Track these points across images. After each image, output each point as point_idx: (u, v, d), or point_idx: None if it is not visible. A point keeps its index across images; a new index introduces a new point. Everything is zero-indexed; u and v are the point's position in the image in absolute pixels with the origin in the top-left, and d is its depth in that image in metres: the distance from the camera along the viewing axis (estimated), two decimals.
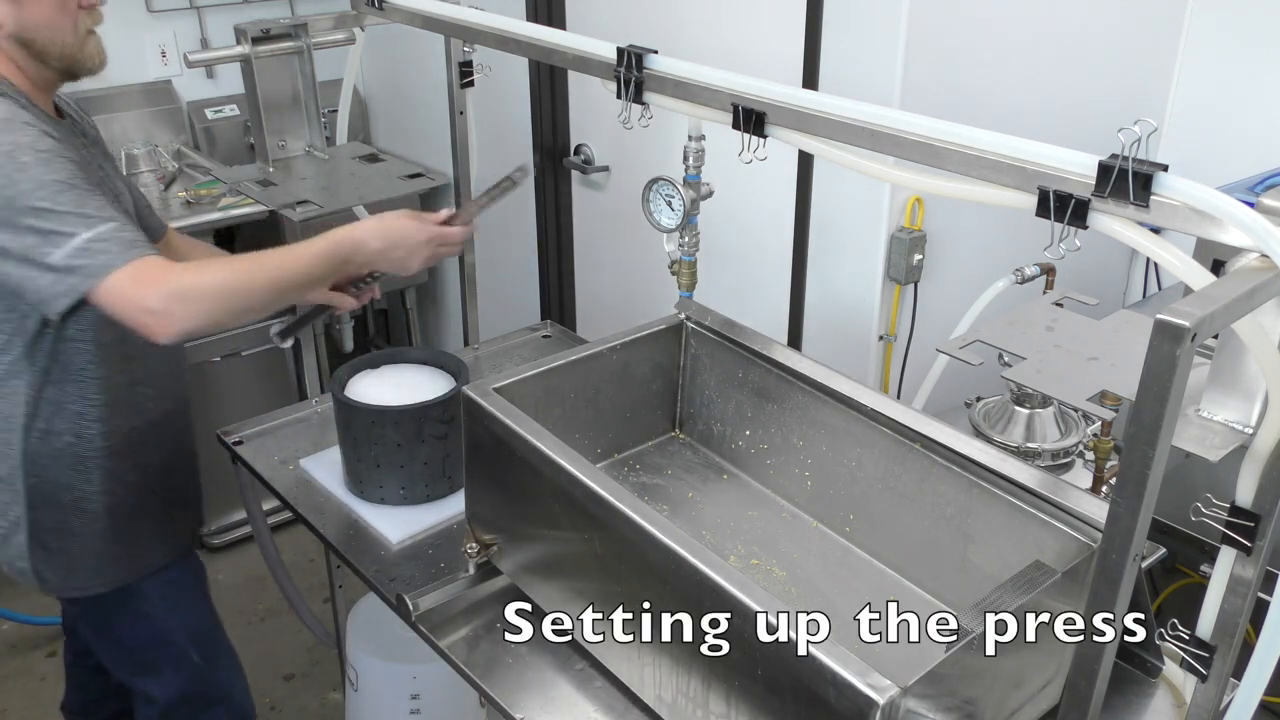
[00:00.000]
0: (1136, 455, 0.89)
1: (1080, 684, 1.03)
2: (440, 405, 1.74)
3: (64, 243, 1.42)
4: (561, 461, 1.32)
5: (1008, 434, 1.85)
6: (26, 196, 1.41)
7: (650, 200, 1.74)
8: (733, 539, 1.59)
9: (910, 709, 1.03)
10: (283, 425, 2.03)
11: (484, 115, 2.21)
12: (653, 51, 1.43)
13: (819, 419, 1.57)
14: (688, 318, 1.72)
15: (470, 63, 2.07)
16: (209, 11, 3.38)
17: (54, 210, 1.42)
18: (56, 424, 1.64)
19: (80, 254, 1.42)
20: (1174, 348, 0.84)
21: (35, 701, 2.80)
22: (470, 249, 2.28)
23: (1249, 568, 1.08)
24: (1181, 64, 2.61)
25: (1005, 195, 1.09)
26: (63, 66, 1.59)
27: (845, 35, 2.11)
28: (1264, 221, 0.92)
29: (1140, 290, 2.81)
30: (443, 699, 2.07)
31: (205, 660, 1.89)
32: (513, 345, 2.36)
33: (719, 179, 1.74)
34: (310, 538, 1.85)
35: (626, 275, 2.85)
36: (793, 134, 1.30)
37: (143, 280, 1.44)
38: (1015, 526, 1.34)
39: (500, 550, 1.52)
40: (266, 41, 2.18)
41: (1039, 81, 2.32)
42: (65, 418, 1.64)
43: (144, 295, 1.43)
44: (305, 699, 2.82)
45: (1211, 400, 1.13)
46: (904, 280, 2.21)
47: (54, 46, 1.56)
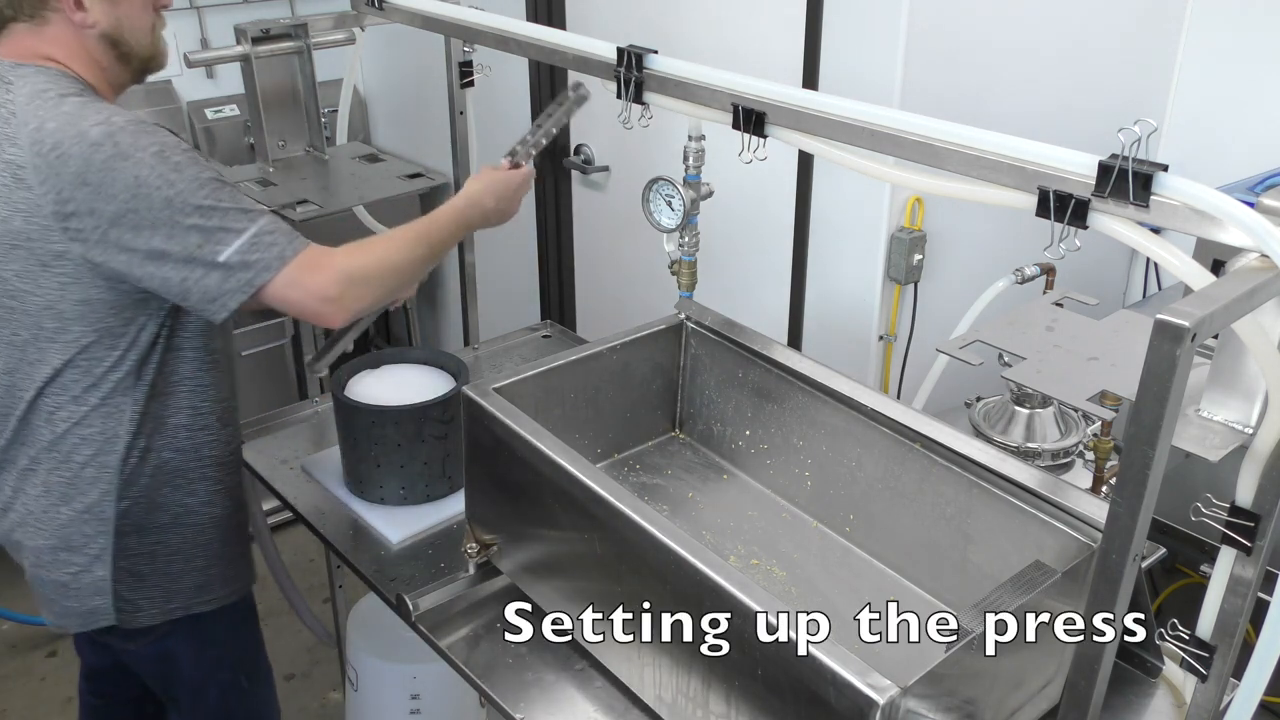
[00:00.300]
0: (1136, 455, 0.89)
1: (1080, 684, 1.03)
2: (440, 405, 1.74)
3: (232, 239, 1.38)
4: (561, 461, 1.32)
5: (1008, 434, 1.85)
6: (188, 195, 1.37)
7: (650, 200, 1.74)
8: (733, 539, 1.59)
9: (910, 709, 1.03)
10: (283, 425, 2.03)
11: (484, 115, 2.21)
12: (653, 51, 1.43)
13: (819, 419, 1.57)
14: (688, 318, 1.72)
15: (470, 63, 2.07)
16: (209, 11, 3.38)
17: (217, 207, 1.39)
18: (156, 440, 1.55)
19: (252, 248, 1.39)
20: (1174, 348, 0.84)
21: (35, 701, 2.80)
22: (470, 249, 2.29)
23: (1249, 568, 1.08)
24: (1181, 64, 2.61)
25: (1005, 195, 1.09)
26: (140, 67, 1.56)
27: (845, 35, 2.11)
28: (1264, 221, 0.92)
29: (1140, 290, 2.81)
30: (443, 699, 2.07)
31: (250, 684, 1.84)
32: (513, 345, 2.36)
33: (719, 179, 1.74)
34: (310, 538, 1.85)
35: (626, 275, 2.85)
36: (793, 134, 1.30)
37: (316, 267, 1.43)
38: (1015, 526, 1.34)
39: (500, 550, 1.52)
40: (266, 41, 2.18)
41: (1039, 81, 2.32)
42: (166, 433, 1.56)
43: (322, 283, 1.43)
44: (305, 699, 2.82)
45: (1211, 400, 1.13)
46: (904, 280, 2.21)
47: (138, 47, 1.54)
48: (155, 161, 1.37)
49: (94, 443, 1.52)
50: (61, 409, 1.50)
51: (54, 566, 1.57)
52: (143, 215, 1.37)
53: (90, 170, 1.35)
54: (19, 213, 1.40)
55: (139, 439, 1.54)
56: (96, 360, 1.48)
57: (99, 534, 1.55)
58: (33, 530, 1.57)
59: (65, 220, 1.38)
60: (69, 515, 1.54)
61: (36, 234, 1.40)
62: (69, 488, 1.53)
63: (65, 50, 1.47)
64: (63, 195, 1.37)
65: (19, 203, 1.39)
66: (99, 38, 1.49)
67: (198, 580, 1.65)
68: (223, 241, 1.39)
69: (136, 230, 1.38)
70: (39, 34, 1.46)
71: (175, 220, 1.37)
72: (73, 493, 1.54)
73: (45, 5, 1.45)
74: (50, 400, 1.50)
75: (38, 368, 1.49)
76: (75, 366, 1.48)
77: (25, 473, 1.55)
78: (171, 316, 1.51)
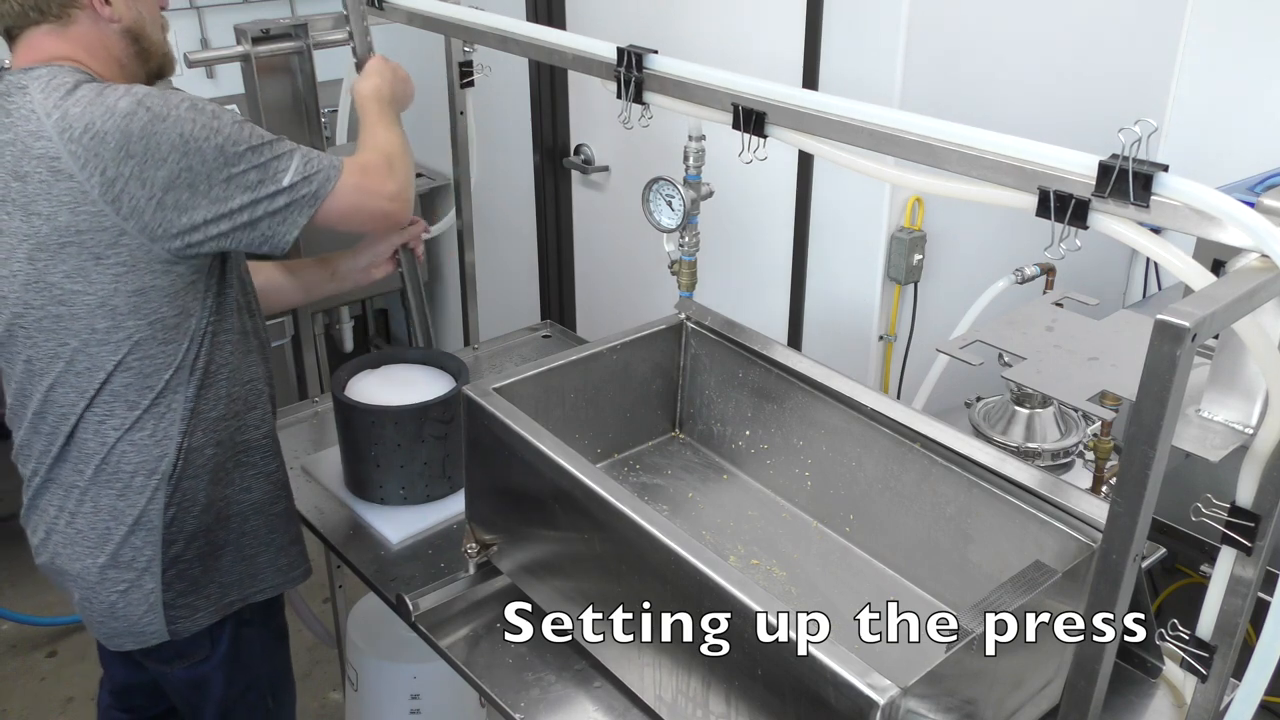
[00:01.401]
0: (1136, 455, 0.89)
1: (1080, 684, 1.03)
2: (440, 405, 1.74)
3: (287, 162, 1.44)
4: (561, 461, 1.32)
5: (1008, 434, 1.85)
6: (236, 137, 1.40)
7: (650, 200, 1.74)
8: (733, 539, 1.59)
9: (910, 709, 1.03)
10: (283, 425, 2.03)
11: (484, 115, 2.21)
12: (653, 51, 1.43)
13: (819, 419, 1.57)
14: (688, 318, 1.72)
15: (470, 63, 2.07)
16: (209, 11, 3.38)
17: (263, 142, 1.42)
18: (198, 438, 1.51)
19: (306, 166, 1.45)
20: (1174, 348, 0.84)
21: (36, 701, 2.80)
22: (470, 248, 2.29)
23: (1249, 568, 1.08)
24: (1181, 64, 2.61)
25: (1005, 195, 1.09)
26: (155, 67, 1.57)
27: (845, 35, 2.11)
28: (1264, 221, 0.92)
29: (1140, 290, 2.81)
30: (443, 699, 2.07)
31: (277, 705, 1.80)
32: (513, 345, 2.36)
33: (719, 179, 1.74)
34: (310, 538, 1.85)
35: (626, 275, 2.85)
36: (793, 134, 1.30)
37: (365, 170, 1.53)
38: (1015, 526, 1.34)
39: (500, 550, 1.52)
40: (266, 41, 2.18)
41: (1039, 81, 2.32)
42: (206, 427, 1.52)
43: (380, 180, 1.54)
44: (305, 699, 2.81)
45: (1211, 400, 1.13)
46: (904, 280, 2.21)
47: (156, 44, 1.55)
48: (193, 115, 1.38)
49: (144, 448, 1.48)
50: (113, 416, 1.47)
51: (102, 587, 1.53)
52: (197, 170, 1.37)
53: (131, 141, 1.34)
54: (64, 206, 1.36)
55: (187, 437, 1.50)
56: (149, 358, 1.45)
57: (147, 544, 1.51)
58: (81, 551, 1.52)
59: (116, 199, 1.35)
60: (121, 531, 1.50)
61: (86, 224, 1.37)
62: (120, 500, 1.49)
63: (88, 49, 1.47)
64: (108, 174, 1.34)
65: (62, 195, 1.36)
66: (122, 33, 1.49)
67: (247, 569, 1.62)
68: (280, 170, 1.43)
69: (193, 187, 1.38)
70: (62, 34, 1.46)
71: (230, 164, 1.39)
72: (123, 505, 1.49)
73: (73, 3, 1.45)
74: (101, 409, 1.46)
75: (87, 376, 1.45)
76: (127, 369, 1.44)
77: (74, 491, 1.51)
78: (216, 299, 1.51)
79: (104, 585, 1.53)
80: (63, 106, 1.36)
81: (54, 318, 1.43)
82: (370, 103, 1.70)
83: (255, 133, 1.42)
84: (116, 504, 1.50)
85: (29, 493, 1.56)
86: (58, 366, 1.45)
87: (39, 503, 1.55)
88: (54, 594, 3.06)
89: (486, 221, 3.02)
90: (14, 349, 1.48)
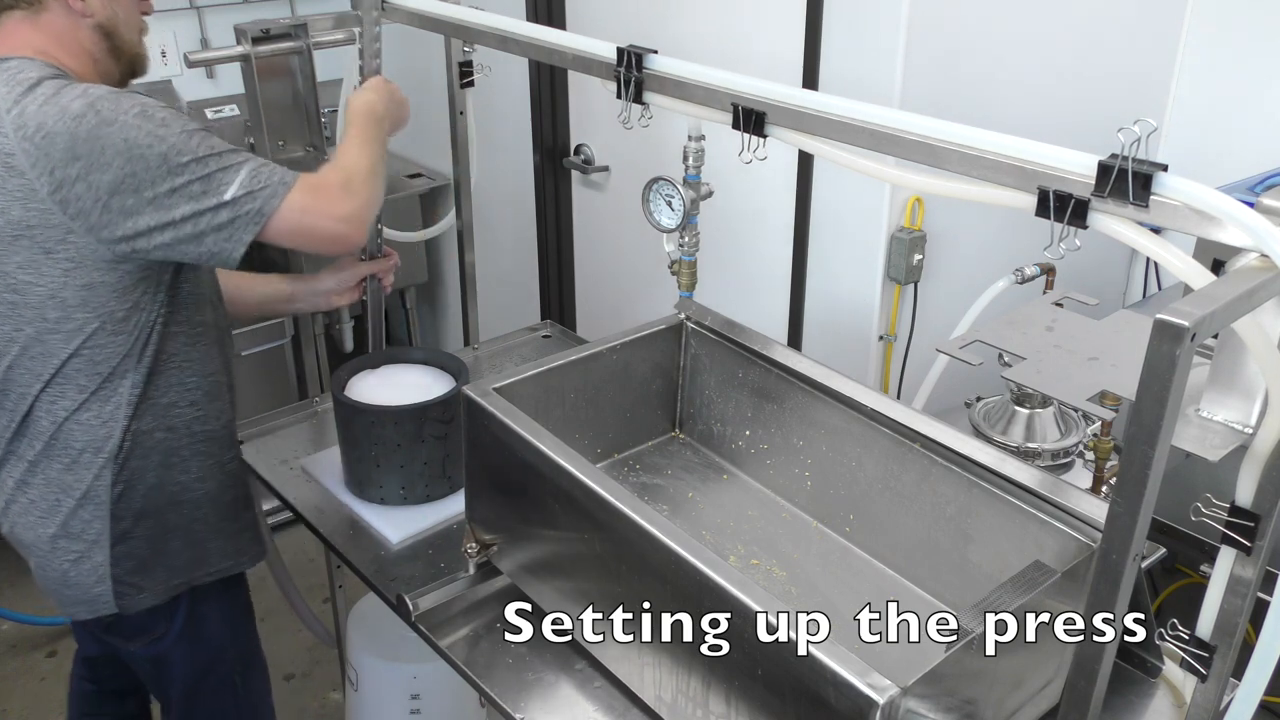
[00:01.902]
0: (1136, 455, 0.89)
1: (1080, 684, 1.03)
2: (440, 405, 1.74)
3: (233, 175, 1.41)
4: (561, 461, 1.32)
5: (1008, 434, 1.85)
6: (181, 147, 1.39)
7: (650, 200, 1.74)
8: (733, 539, 1.59)
9: (910, 709, 1.03)
10: (283, 425, 2.03)
11: (484, 115, 2.21)
12: (653, 51, 1.43)
13: (819, 419, 1.57)
14: (688, 318, 1.72)
15: (470, 63, 2.07)
16: (209, 11, 3.38)
17: (211, 154, 1.41)
18: (148, 421, 1.56)
19: (253, 180, 1.42)
20: (1174, 348, 0.84)
21: (35, 701, 2.80)
22: (470, 248, 2.29)
23: (1249, 568, 1.08)
24: (1181, 64, 2.61)
25: (1005, 195, 1.09)
26: (127, 66, 1.58)
27: (845, 35, 2.11)
28: (1264, 221, 0.92)
29: (1140, 290, 2.81)
30: (443, 699, 2.07)
31: (245, 683, 1.84)
32: (513, 345, 2.36)
33: (719, 179, 1.74)
34: (310, 538, 1.85)
35: (626, 275, 2.85)
36: (793, 134, 1.30)
37: (318, 189, 1.47)
38: (1015, 526, 1.34)
39: (500, 550, 1.52)
40: (266, 41, 2.17)
41: (1039, 81, 2.32)
42: (157, 412, 1.57)
43: (331, 200, 1.47)
44: (305, 699, 2.82)
45: (1211, 400, 1.13)
46: (904, 280, 2.21)
47: (128, 44, 1.56)
48: (140, 121, 1.38)
49: (91, 428, 1.53)
50: (64, 398, 1.52)
51: (54, 555, 1.60)
52: (141, 177, 1.38)
53: (78, 143, 1.36)
54: (16, 201, 1.40)
55: (134, 421, 1.55)
56: (99, 347, 1.49)
57: (95, 518, 1.57)
58: (35, 520, 1.59)
59: (64, 200, 1.38)
60: (69, 503, 1.56)
61: (36, 220, 1.40)
62: (68, 474, 1.56)
63: (58, 40, 1.49)
64: (56, 175, 1.37)
65: (15, 190, 1.39)
66: (94, 28, 1.51)
67: (196, 554, 1.67)
68: (225, 181, 1.41)
69: (138, 193, 1.38)
70: (35, 22, 1.48)
71: (174, 174, 1.39)
72: (71, 479, 1.56)
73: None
74: (54, 391, 1.52)
75: (42, 361, 1.50)
76: (79, 356, 1.49)
77: (29, 465, 1.57)
78: (168, 294, 1.53)
79: (55, 554, 1.59)
80: (21, 104, 1.39)
81: (9, 304, 1.47)
82: (358, 117, 1.66)
83: (205, 143, 1.41)
84: (64, 477, 1.56)
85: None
86: (14, 350, 1.50)
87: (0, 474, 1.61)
88: None
89: (486, 221, 3.02)
90: None
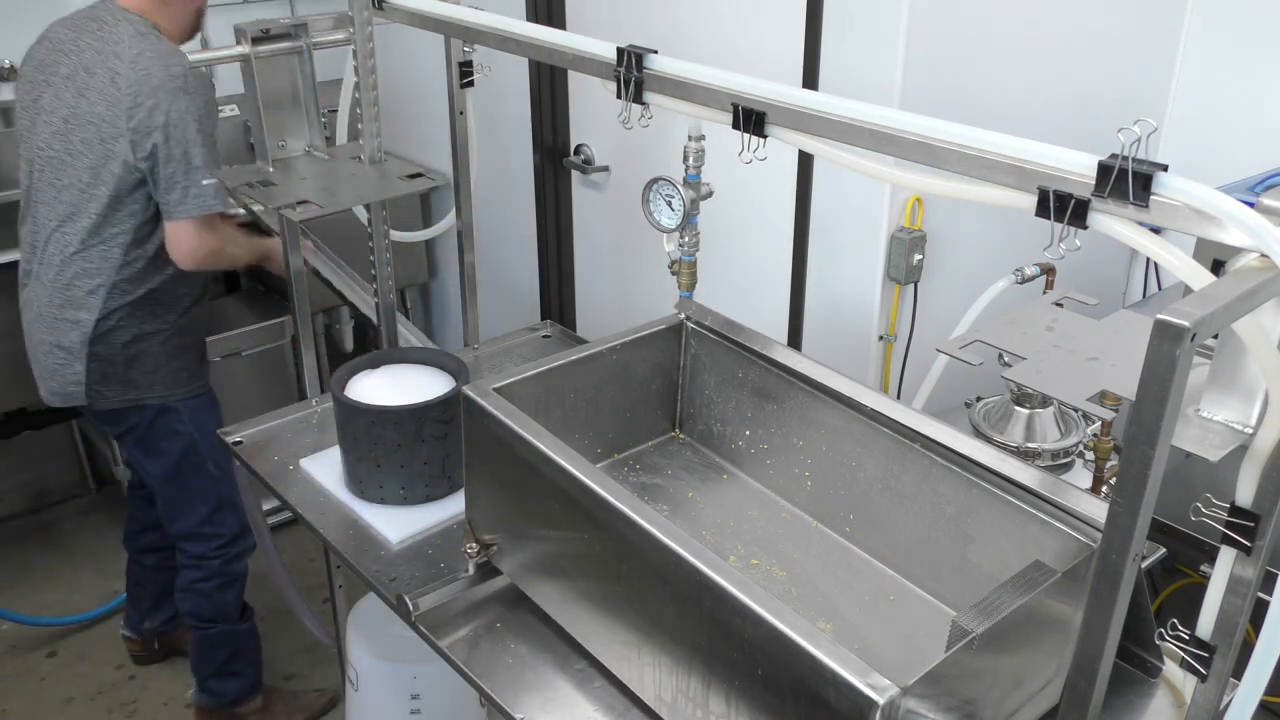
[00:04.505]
0: (1136, 455, 0.89)
1: (1080, 684, 1.03)
2: (440, 405, 1.74)
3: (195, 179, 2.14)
4: (561, 461, 1.32)
5: (1008, 434, 1.85)
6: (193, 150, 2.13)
7: (650, 200, 1.74)
8: (733, 539, 1.59)
9: (910, 709, 1.03)
10: (283, 425, 2.03)
11: (484, 115, 2.21)
12: (653, 51, 1.43)
13: (819, 419, 1.57)
14: (688, 318, 1.72)
15: (470, 63, 2.07)
16: (209, 11, 3.35)
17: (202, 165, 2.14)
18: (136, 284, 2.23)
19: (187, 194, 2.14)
20: (1174, 348, 0.84)
21: (36, 701, 2.80)
22: (470, 248, 2.29)
23: (1249, 568, 1.08)
24: (1181, 64, 2.61)
25: (1005, 195, 1.09)
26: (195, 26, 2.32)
27: (845, 35, 2.11)
28: (1264, 221, 0.92)
29: (1140, 290, 2.81)
30: (443, 699, 2.07)
31: (219, 469, 2.39)
32: (513, 345, 2.36)
33: (719, 179, 1.74)
34: (310, 538, 1.85)
35: (626, 275, 2.85)
36: (793, 134, 1.30)
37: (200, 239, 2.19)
38: (1015, 526, 1.34)
39: (500, 550, 1.52)
40: (266, 41, 2.18)
41: (1039, 81, 2.32)
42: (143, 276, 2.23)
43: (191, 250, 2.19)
44: None
45: (1211, 400, 1.13)
46: (904, 280, 2.22)
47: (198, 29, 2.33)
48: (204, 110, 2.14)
49: (90, 273, 2.20)
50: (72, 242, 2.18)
51: (48, 355, 2.27)
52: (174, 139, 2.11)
53: (162, 91, 2.09)
54: (104, 99, 2.11)
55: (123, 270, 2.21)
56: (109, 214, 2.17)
57: (82, 339, 2.23)
58: (42, 326, 2.26)
59: (130, 114, 2.10)
60: (66, 321, 2.22)
61: (108, 116, 2.11)
62: (66, 300, 2.22)
63: (169, 12, 2.21)
64: (138, 99, 2.09)
65: (108, 95, 2.11)
66: (195, 13, 2.28)
67: (149, 380, 2.31)
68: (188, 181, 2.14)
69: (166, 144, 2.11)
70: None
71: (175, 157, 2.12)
72: (69, 305, 2.22)
73: None
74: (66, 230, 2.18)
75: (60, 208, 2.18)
76: (88, 215, 2.17)
77: (44, 283, 2.22)
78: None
79: (50, 355, 2.27)
80: (141, 48, 2.11)
81: (60, 162, 2.17)
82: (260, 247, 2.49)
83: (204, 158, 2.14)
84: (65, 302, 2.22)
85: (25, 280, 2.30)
86: (50, 194, 2.19)
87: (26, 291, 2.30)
88: (54, 594, 3.07)
89: (486, 221, 3.02)
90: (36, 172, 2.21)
